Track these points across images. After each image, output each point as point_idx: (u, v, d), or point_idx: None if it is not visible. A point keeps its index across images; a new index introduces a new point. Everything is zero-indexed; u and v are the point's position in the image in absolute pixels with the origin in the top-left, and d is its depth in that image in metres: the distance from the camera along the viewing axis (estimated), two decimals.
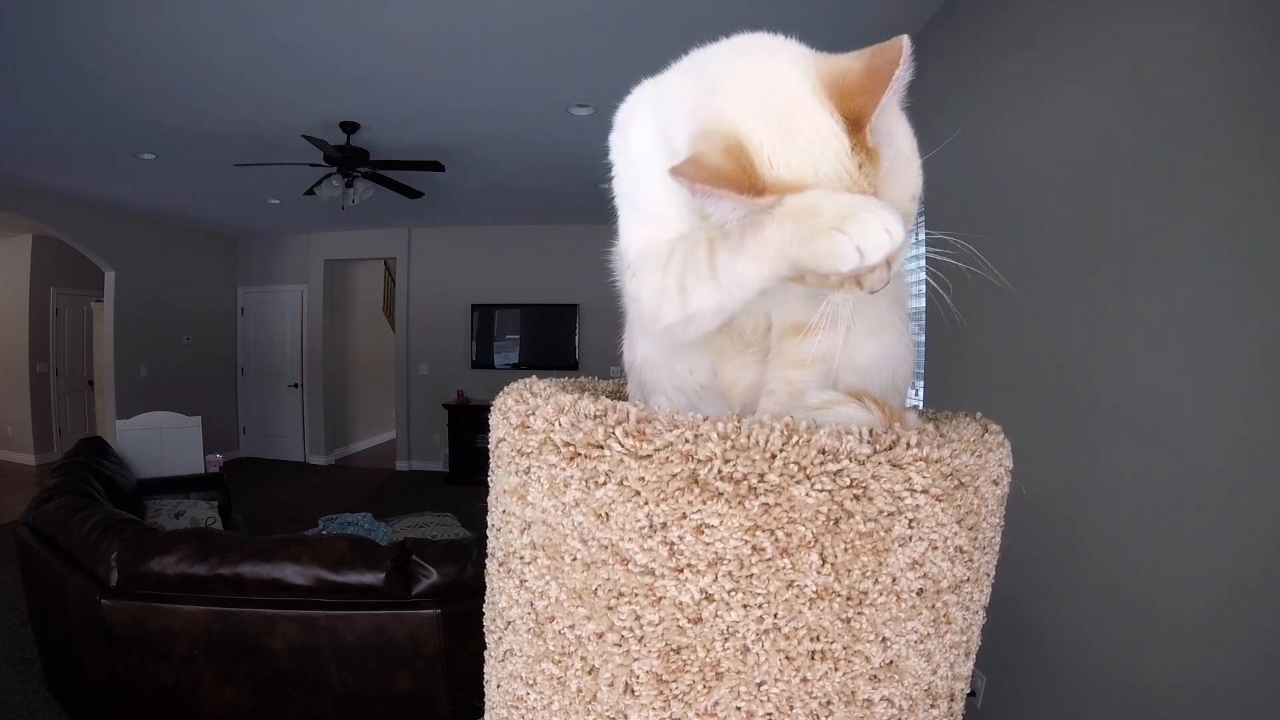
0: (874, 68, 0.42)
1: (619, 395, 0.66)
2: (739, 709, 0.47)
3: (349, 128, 3.85)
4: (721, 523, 0.44)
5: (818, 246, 0.40)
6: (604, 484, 0.46)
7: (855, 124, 0.42)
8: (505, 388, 0.57)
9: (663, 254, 0.49)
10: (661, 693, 0.47)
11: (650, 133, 0.50)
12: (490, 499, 0.57)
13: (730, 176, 0.41)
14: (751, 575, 0.45)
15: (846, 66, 0.43)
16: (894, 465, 0.45)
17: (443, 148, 4.26)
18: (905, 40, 0.41)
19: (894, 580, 0.47)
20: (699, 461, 0.44)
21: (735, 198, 0.41)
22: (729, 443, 0.44)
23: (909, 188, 0.44)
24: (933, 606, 0.49)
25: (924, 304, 2.10)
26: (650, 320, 0.51)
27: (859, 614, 0.47)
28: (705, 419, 0.45)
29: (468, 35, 2.84)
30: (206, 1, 2.53)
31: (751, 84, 0.44)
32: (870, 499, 0.45)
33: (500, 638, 0.55)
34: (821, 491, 0.44)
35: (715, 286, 0.46)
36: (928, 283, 1.59)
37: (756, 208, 0.42)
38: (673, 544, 0.45)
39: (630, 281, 0.52)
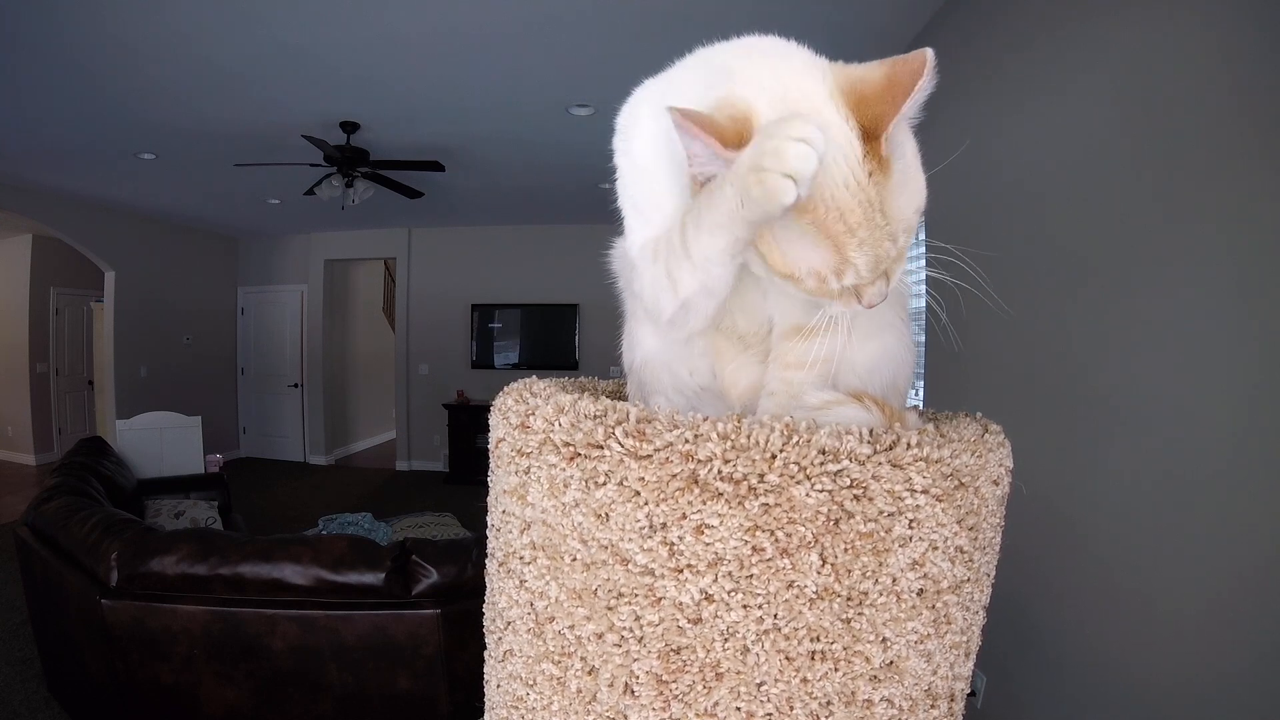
0: (896, 78, 0.42)
1: (619, 395, 0.66)
2: (739, 709, 0.47)
3: (349, 128, 3.85)
4: (721, 523, 0.44)
5: (752, 193, 0.39)
6: (604, 484, 0.46)
7: (871, 133, 0.42)
8: (505, 388, 0.57)
9: (661, 248, 0.49)
10: (661, 693, 0.47)
11: (653, 132, 0.50)
12: (490, 499, 0.57)
13: (723, 130, 0.41)
14: (751, 575, 0.45)
15: (865, 75, 0.43)
16: (894, 465, 0.45)
17: (443, 148, 4.26)
18: (929, 53, 0.41)
19: (894, 580, 0.47)
20: (699, 462, 0.44)
21: (720, 151, 0.41)
22: (729, 443, 0.44)
23: (914, 200, 0.44)
24: (933, 607, 0.49)
25: (923, 304, 2.10)
26: (653, 315, 0.51)
27: (859, 614, 0.47)
28: (705, 419, 0.45)
29: (468, 35, 2.84)
30: (206, 1, 2.53)
31: (767, 78, 0.44)
32: (870, 499, 0.45)
33: (500, 638, 0.55)
34: (822, 492, 0.44)
35: (691, 266, 0.45)
36: (927, 291, 1.59)
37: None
38: (673, 544, 0.45)
39: (635, 281, 0.52)
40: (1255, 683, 1.21)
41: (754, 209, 0.40)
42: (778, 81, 0.44)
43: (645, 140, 0.50)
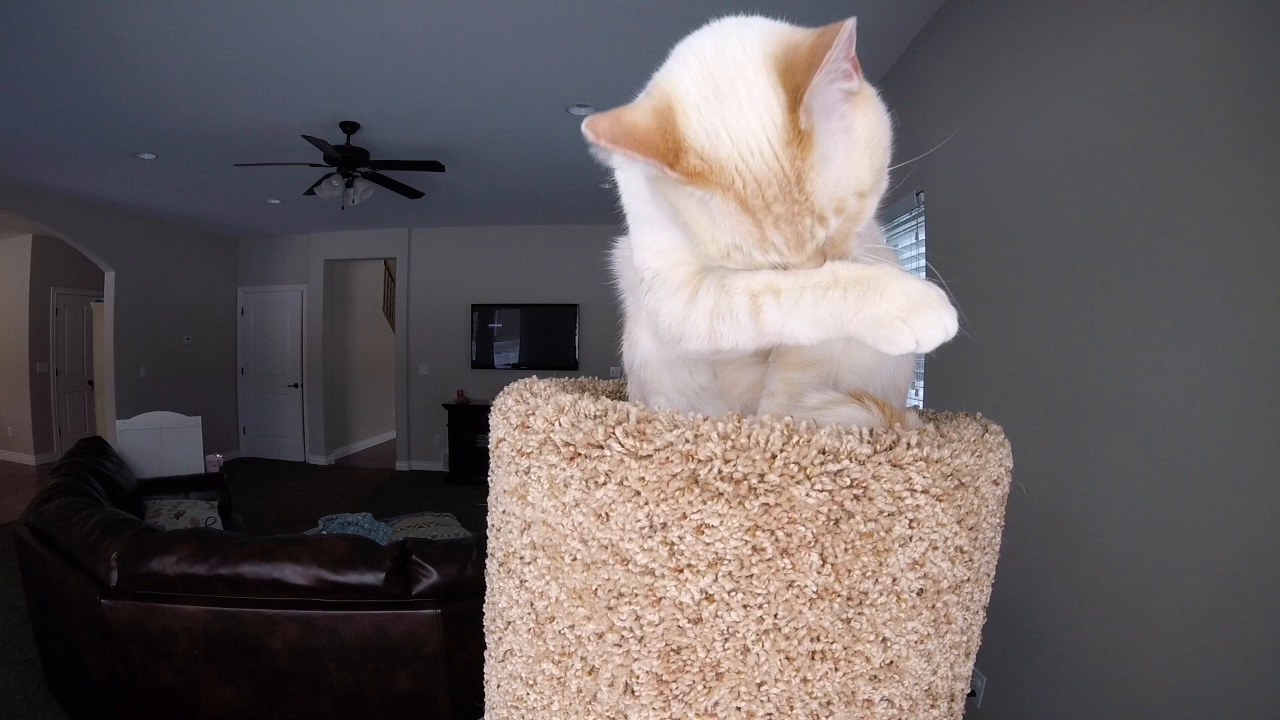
0: (817, 46, 0.40)
1: (619, 395, 0.66)
2: (739, 709, 0.47)
3: (349, 128, 3.85)
4: (722, 523, 0.44)
5: (880, 332, 0.42)
6: (604, 484, 0.46)
7: (794, 101, 0.41)
8: (505, 388, 0.57)
9: (685, 285, 0.49)
10: (662, 693, 0.47)
11: None
12: (490, 499, 0.57)
13: (643, 137, 0.41)
14: (752, 575, 0.45)
15: (798, 42, 0.42)
16: (894, 465, 0.45)
17: (443, 148, 4.26)
18: (850, 22, 0.39)
19: (894, 580, 0.47)
20: (699, 461, 0.44)
21: (645, 159, 0.41)
22: (729, 443, 0.44)
23: (852, 179, 0.42)
24: (933, 607, 0.49)
25: None
26: (669, 340, 0.51)
27: (859, 614, 0.47)
28: (705, 419, 0.45)
29: (468, 35, 2.84)
30: (206, 1, 2.53)
31: (703, 54, 0.44)
32: (870, 499, 0.45)
33: (500, 638, 0.55)
34: (822, 491, 0.44)
35: (756, 334, 0.46)
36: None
37: (670, 174, 0.42)
38: (673, 544, 0.45)
39: (646, 296, 0.51)
40: (1255, 683, 1.21)
41: (865, 334, 0.42)
42: (714, 53, 0.43)
43: None
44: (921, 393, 2.65)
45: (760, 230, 0.42)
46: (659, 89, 0.44)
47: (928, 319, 0.41)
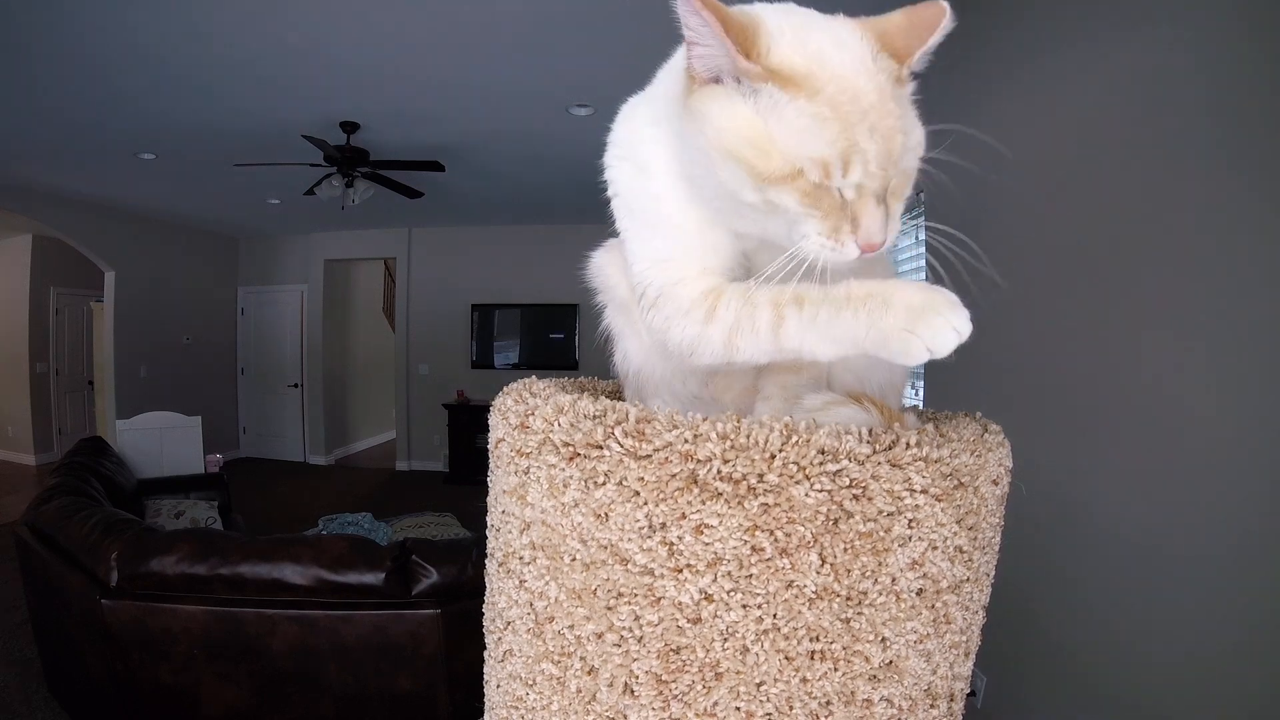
0: (917, 18, 0.44)
1: (618, 395, 0.66)
2: (738, 709, 0.47)
3: (349, 128, 3.85)
4: (721, 523, 0.44)
5: (892, 347, 0.42)
6: (603, 484, 0.46)
7: (892, 51, 0.43)
8: (505, 388, 0.57)
9: (698, 304, 0.48)
10: (661, 693, 0.47)
11: (658, 137, 0.49)
12: (490, 499, 0.57)
13: (728, 18, 0.41)
14: (751, 575, 0.45)
15: (885, 19, 0.45)
16: (893, 465, 0.45)
17: (443, 148, 4.26)
18: (945, 4, 0.44)
19: (893, 580, 0.47)
20: (698, 461, 0.44)
21: (723, 40, 0.41)
22: (728, 443, 0.44)
23: (920, 138, 0.45)
24: (932, 606, 0.49)
25: None
26: (680, 356, 0.50)
27: (858, 614, 0.47)
28: (705, 419, 0.45)
29: (468, 35, 2.83)
30: (206, 2, 2.53)
31: (787, 6, 0.46)
32: (870, 499, 0.45)
33: (500, 638, 0.55)
34: (821, 491, 0.44)
35: (774, 349, 0.46)
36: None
37: (745, 65, 0.41)
38: (672, 544, 0.45)
39: (649, 314, 0.50)
40: (1255, 682, 1.21)
41: (879, 350, 0.42)
42: (796, 5, 0.46)
43: (654, 150, 0.50)
44: (921, 392, 2.65)
45: (851, 138, 0.40)
46: (744, 12, 0.43)
47: (934, 325, 0.41)
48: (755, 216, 0.45)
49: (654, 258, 0.50)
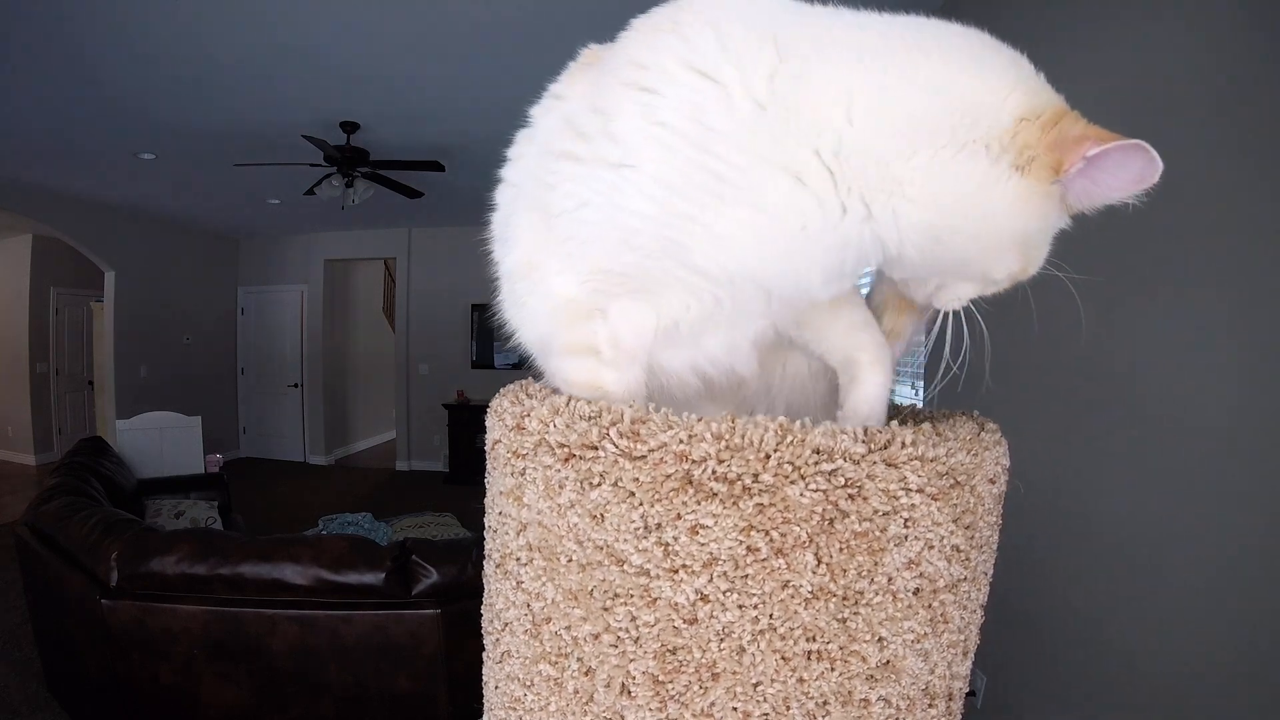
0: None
1: None
2: (735, 709, 0.47)
3: (349, 128, 3.85)
4: (716, 523, 0.44)
5: None
6: (599, 485, 0.46)
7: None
8: (501, 389, 0.57)
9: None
10: (658, 693, 0.47)
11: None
12: (487, 500, 0.57)
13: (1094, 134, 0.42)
14: (746, 575, 0.45)
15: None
16: (888, 464, 0.45)
17: (443, 148, 4.26)
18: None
19: (890, 580, 0.47)
20: (693, 462, 0.44)
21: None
22: (723, 443, 0.44)
23: None
24: (929, 606, 0.48)
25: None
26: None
27: (855, 614, 0.46)
28: (699, 419, 0.45)
29: (468, 35, 2.83)
30: (207, 2, 2.53)
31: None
32: (865, 498, 0.45)
33: (498, 639, 0.55)
34: (816, 491, 0.44)
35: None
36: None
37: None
38: (667, 545, 0.45)
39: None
40: (1255, 683, 1.21)
41: None
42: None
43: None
44: (921, 393, 2.65)
45: (1027, 259, 0.51)
46: (1040, 98, 0.45)
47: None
48: None
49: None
